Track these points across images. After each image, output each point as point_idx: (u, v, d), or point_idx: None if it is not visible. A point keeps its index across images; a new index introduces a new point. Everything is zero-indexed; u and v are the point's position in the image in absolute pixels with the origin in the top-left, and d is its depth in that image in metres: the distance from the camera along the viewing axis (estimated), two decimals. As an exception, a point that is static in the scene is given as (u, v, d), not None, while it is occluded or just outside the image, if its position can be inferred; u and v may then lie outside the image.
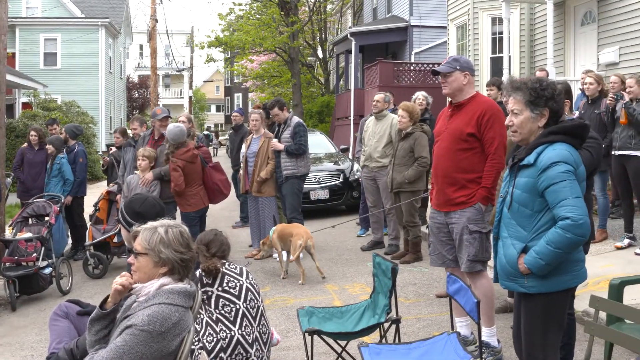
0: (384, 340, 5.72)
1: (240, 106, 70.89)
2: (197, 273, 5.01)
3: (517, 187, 4.31)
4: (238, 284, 5.09)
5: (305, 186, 11.76)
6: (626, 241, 9.49)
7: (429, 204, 11.67)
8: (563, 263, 4.15)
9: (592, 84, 9.92)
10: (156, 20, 29.29)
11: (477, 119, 6.05)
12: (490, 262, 5.69)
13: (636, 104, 9.10)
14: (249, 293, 5.11)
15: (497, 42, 20.24)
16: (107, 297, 3.90)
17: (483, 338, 6.14)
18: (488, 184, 6.05)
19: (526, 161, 4.25)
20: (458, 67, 6.15)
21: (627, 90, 9.33)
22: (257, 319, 5.10)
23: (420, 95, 12.04)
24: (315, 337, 5.44)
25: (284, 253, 10.04)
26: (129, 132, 12.34)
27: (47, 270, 9.81)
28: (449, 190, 6.19)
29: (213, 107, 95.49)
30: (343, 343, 5.70)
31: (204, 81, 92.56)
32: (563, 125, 4.30)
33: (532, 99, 4.29)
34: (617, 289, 5.01)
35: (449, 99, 6.42)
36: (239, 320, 4.99)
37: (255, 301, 5.15)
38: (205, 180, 10.11)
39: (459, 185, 6.14)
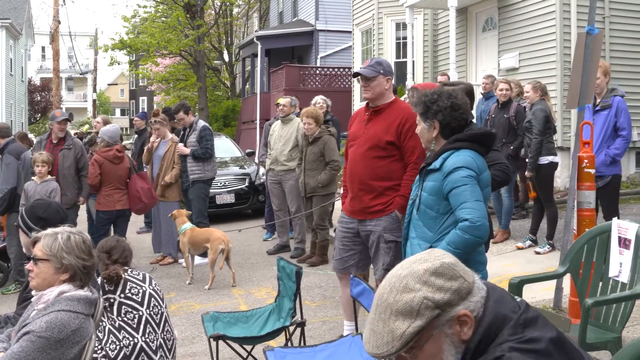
0: (289, 344, 5.72)
1: (145, 110, 70.13)
2: (99, 280, 4.92)
3: (425, 190, 4.51)
4: (141, 291, 5.01)
5: (210, 190, 11.70)
6: (528, 242, 9.71)
7: (335, 207, 11.81)
8: (465, 264, 4.23)
9: (508, 90, 10.16)
10: (59, 22, 28.71)
11: (397, 127, 5.91)
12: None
13: (534, 108, 9.35)
14: (152, 299, 5.04)
15: (401, 47, 20.52)
16: None
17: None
18: (407, 193, 5.78)
19: (433, 166, 4.45)
20: (382, 72, 5.97)
21: (525, 95, 9.61)
22: (161, 325, 5.04)
23: (319, 99, 12.11)
24: (221, 342, 5.42)
25: (197, 258, 10.04)
26: None
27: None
28: (365, 197, 6.05)
29: (118, 111, 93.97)
30: (249, 348, 5.69)
31: (109, 84, 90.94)
32: (469, 133, 4.52)
33: (423, 112, 4.57)
34: (516, 287, 5.12)
35: (365, 102, 6.28)
36: (142, 327, 4.92)
37: (159, 307, 5.08)
38: (128, 186, 10.32)
39: (376, 193, 6.01)
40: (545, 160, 9.25)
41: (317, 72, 27.30)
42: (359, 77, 6.07)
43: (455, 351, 2.18)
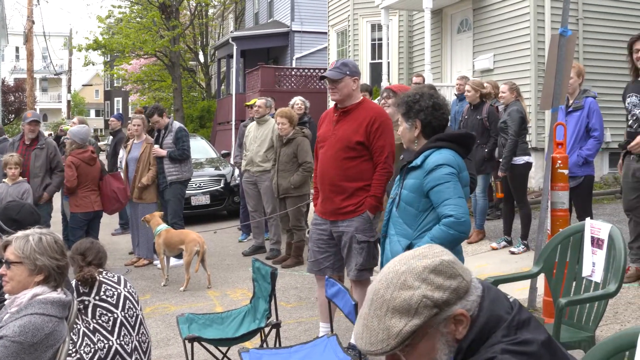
0: (264, 345, 5.71)
1: (121, 111, 69.92)
2: (74, 282, 4.89)
3: (405, 187, 4.57)
4: (116, 293, 4.99)
5: (186, 192, 11.65)
6: (503, 243, 9.78)
7: (310, 208, 11.82)
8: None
9: (470, 91, 10.23)
10: (33, 22, 28.41)
11: (366, 127, 5.90)
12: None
13: (509, 109, 9.40)
14: (127, 302, 5.02)
15: (377, 48, 20.57)
16: None
17: (352, 341, 6.24)
18: (378, 193, 5.95)
19: (414, 163, 4.52)
20: (348, 73, 5.97)
21: (500, 95, 9.66)
22: (136, 327, 5.01)
23: (298, 100, 12.15)
24: (196, 344, 5.40)
25: (172, 259, 10.01)
26: None
27: None
28: (337, 199, 6.04)
29: (92, 112, 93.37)
30: (224, 349, 5.67)
31: (83, 85, 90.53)
32: (450, 133, 4.62)
33: (405, 112, 4.63)
34: (490, 288, 5.15)
35: (334, 103, 6.23)
36: (117, 329, 4.89)
37: (134, 310, 5.05)
38: (102, 187, 10.33)
39: (347, 194, 5.99)
40: (520, 160, 9.30)
41: (293, 73, 27.31)
42: (327, 79, 6.08)
43: (448, 350, 2.15)
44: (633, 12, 15.12)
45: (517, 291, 7.30)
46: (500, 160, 9.48)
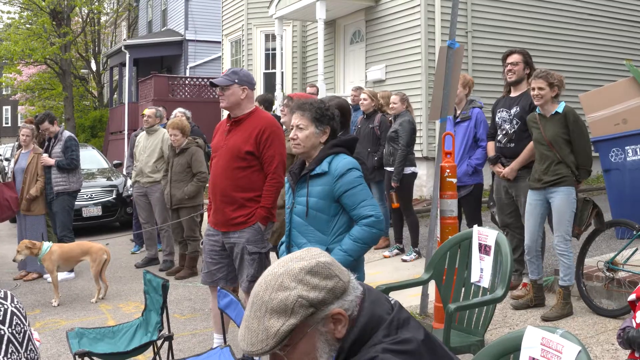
0: (157, 358, 5.64)
1: (10, 119, 68.24)
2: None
3: (312, 195, 4.60)
4: (2, 309, 4.81)
5: (76, 203, 11.38)
6: (395, 251, 9.93)
7: (204, 218, 11.74)
8: (357, 262, 4.61)
9: (366, 100, 10.31)
10: None
11: (256, 137, 5.88)
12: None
13: (400, 119, 9.54)
14: (15, 317, 4.83)
15: (271, 58, 20.62)
16: None
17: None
18: (268, 204, 5.93)
19: (319, 170, 4.57)
20: (236, 81, 5.92)
21: (391, 106, 9.79)
22: (24, 344, 4.86)
23: (177, 112, 11.97)
24: (87, 359, 5.28)
25: (63, 273, 9.78)
26: None
27: None
28: (227, 209, 5.99)
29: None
30: (116, 363, 5.58)
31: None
32: (343, 139, 4.75)
33: (318, 117, 4.63)
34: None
35: (227, 113, 6.20)
36: (4, 346, 4.71)
37: (22, 326, 4.88)
38: None
39: (237, 205, 5.96)
40: (409, 170, 9.47)
41: (187, 82, 27.11)
42: (217, 87, 6.07)
43: (329, 349, 2.19)
44: (521, 25, 15.63)
45: (410, 298, 7.43)
46: (388, 169, 9.64)
